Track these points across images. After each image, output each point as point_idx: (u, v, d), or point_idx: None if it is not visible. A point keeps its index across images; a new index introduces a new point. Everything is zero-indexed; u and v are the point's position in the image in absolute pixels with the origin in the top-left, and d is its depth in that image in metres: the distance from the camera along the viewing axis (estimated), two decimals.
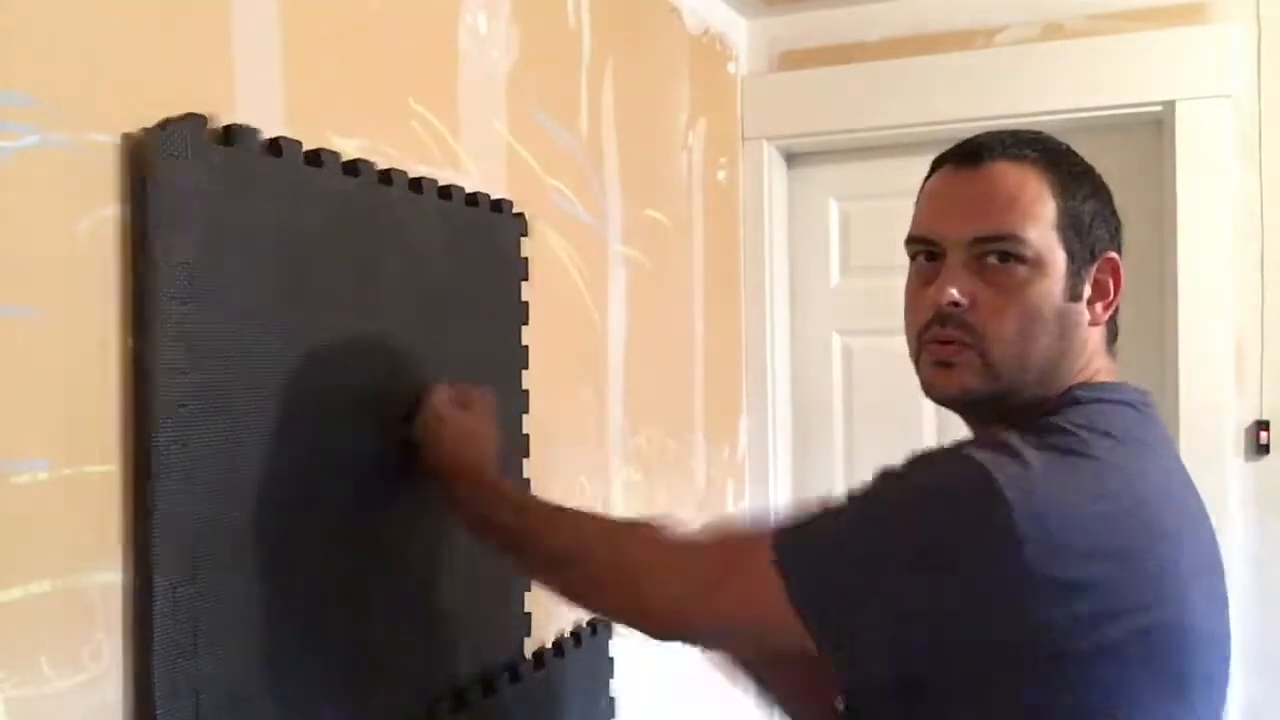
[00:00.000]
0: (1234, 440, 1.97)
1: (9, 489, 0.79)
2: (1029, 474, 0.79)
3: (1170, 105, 2.00)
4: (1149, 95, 2.02)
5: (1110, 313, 0.94)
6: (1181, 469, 0.90)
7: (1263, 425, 1.95)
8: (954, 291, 0.89)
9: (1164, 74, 2.00)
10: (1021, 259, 0.88)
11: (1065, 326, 0.90)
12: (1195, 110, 1.98)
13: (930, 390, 0.94)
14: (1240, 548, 1.96)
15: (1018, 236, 0.88)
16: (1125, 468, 0.83)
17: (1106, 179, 0.98)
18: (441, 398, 1.13)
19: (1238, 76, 1.97)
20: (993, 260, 0.89)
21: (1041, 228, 0.89)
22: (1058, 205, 0.90)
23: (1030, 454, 0.81)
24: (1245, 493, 1.97)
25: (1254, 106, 1.96)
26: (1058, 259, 0.89)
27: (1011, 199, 0.89)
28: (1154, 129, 2.06)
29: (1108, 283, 0.93)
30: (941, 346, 0.91)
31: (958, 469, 0.81)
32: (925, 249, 0.94)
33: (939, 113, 2.13)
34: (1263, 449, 1.95)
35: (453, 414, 1.12)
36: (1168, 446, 0.91)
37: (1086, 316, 0.92)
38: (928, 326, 0.92)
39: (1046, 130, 0.97)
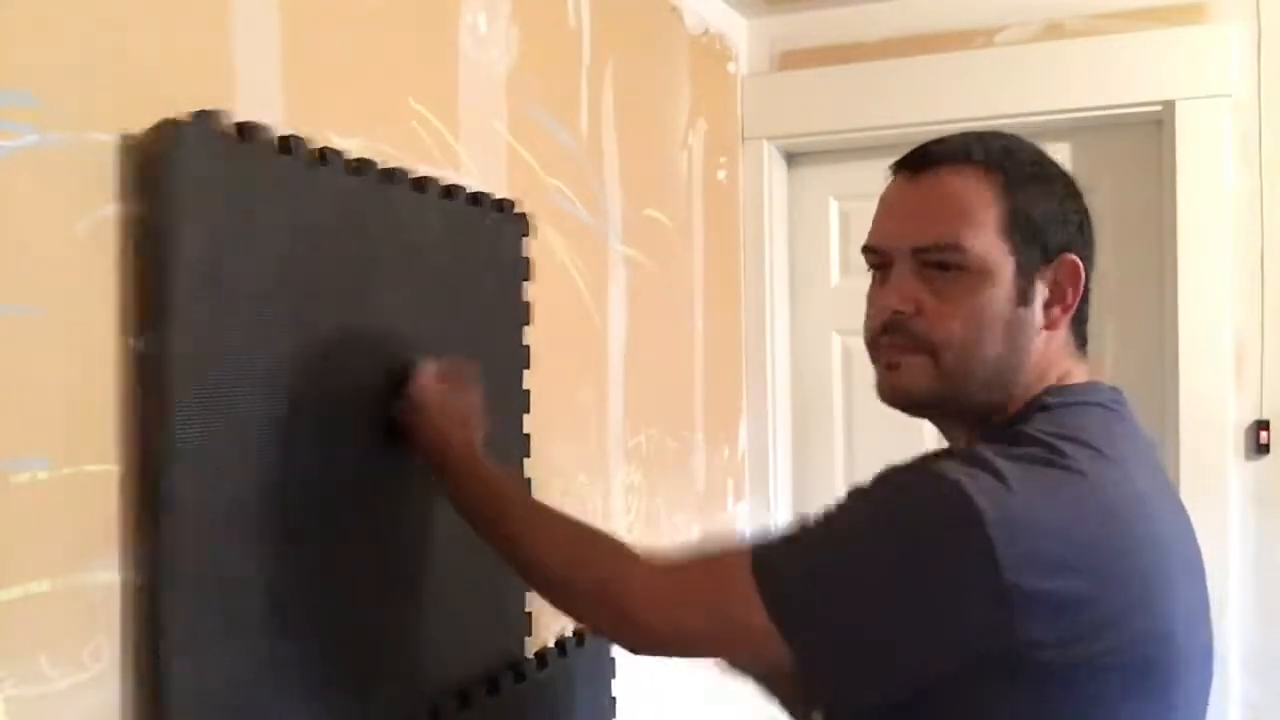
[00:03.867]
0: (1234, 440, 1.96)
1: (9, 488, 0.79)
2: (1002, 487, 0.78)
3: (1170, 105, 2.00)
4: (1149, 95, 2.02)
5: (1069, 316, 0.91)
6: (1158, 468, 0.89)
7: (1263, 425, 1.95)
8: (896, 300, 0.89)
9: (1164, 74, 2.00)
10: (963, 267, 0.87)
11: (1013, 333, 0.88)
12: (1195, 110, 1.98)
13: (881, 394, 0.94)
14: (1239, 547, 1.96)
15: (958, 245, 0.87)
16: (1100, 475, 0.81)
17: (1106, 179, 0.97)
18: (429, 375, 1.11)
19: (1238, 76, 1.97)
20: (936, 270, 0.88)
21: (984, 234, 0.87)
22: (1004, 208, 0.88)
23: (1003, 466, 0.79)
24: (1245, 492, 1.97)
25: (1254, 106, 1.96)
26: (1004, 265, 0.87)
27: (951, 206, 0.88)
28: (1154, 129, 2.06)
29: (1065, 286, 0.90)
30: (890, 351, 0.92)
31: (929, 485, 0.81)
32: (877, 258, 0.94)
33: (939, 113, 2.12)
34: (1263, 449, 1.95)
35: (440, 392, 1.10)
36: (1142, 445, 0.89)
37: (1040, 321, 0.89)
38: (881, 333, 0.92)
39: (1046, 130, 0.96)
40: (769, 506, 2.32)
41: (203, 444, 0.89)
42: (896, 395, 0.93)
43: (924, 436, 2.28)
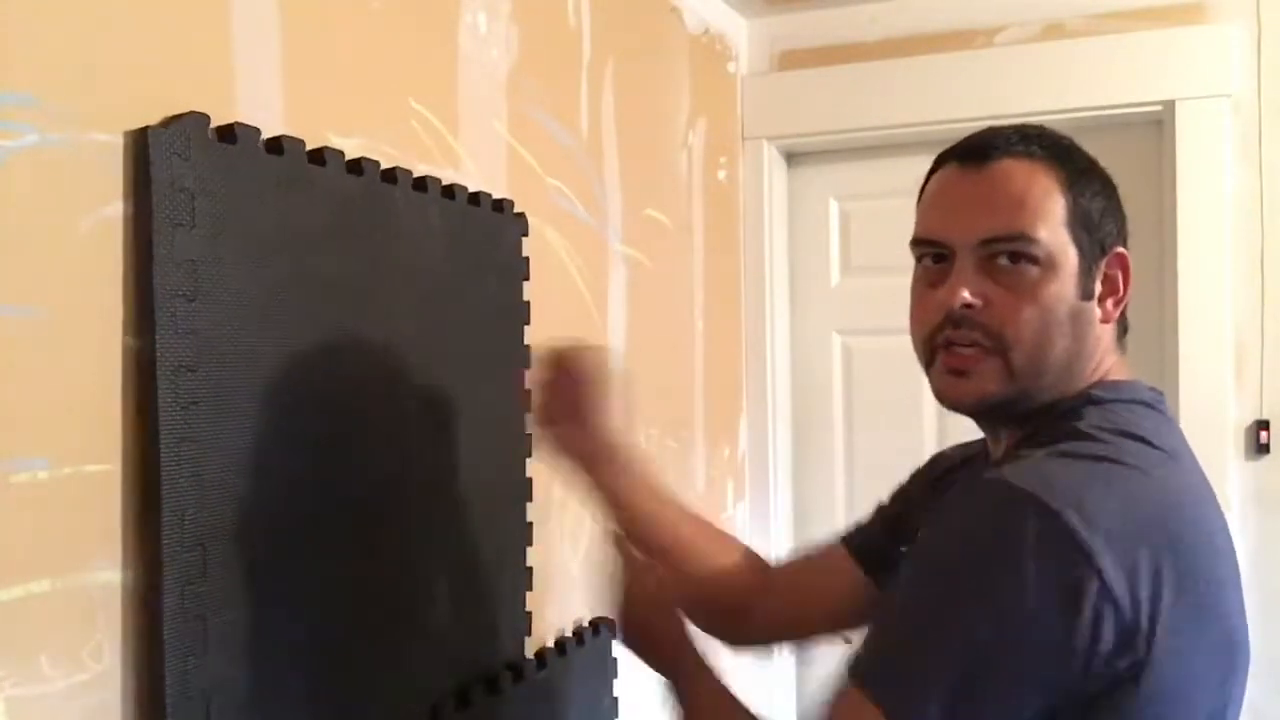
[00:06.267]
0: (1234, 440, 1.97)
1: (9, 488, 0.79)
2: (1080, 494, 0.75)
3: (1170, 105, 2.00)
4: (1149, 95, 2.02)
5: (1121, 309, 0.92)
6: (1200, 469, 0.89)
7: (1263, 425, 1.95)
8: (966, 294, 0.86)
9: (1164, 74, 2.00)
10: (1033, 259, 0.86)
11: (1079, 326, 0.88)
12: (1195, 110, 1.98)
13: (944, 398, 0.91)
14: (1240, 547, 1.95)
15: (1029, 236, 0.86)
16: (1164, 473, 0.80)
17: None
18: (635, 574, 1.07)
19: (1238, 76, 1.97)
20: (1004, 261, 0.86)
21: (1052, 226, 0.86)
22: (1067, 202, 0.87)
23: (1070, 470, 0.78)
24: (1245, 492, 1.97)
25: (1254, 106, 1.96)
26: (1069, 257, 0.87)
27: (1021, 198, 0.87)
28: (1154, 129, 2.06)
29: (1118, 279, 0.91)
30: (957, 355, 0.88)
31: (1007, 508, 0.76)
32: (933, 251, 0.91)
33: (939, 113, 2.12)
34: (1263, 449, 1.95)
35: (646, 587, 1.06)
36: (1186, 446, 0.89)
37: (1098, 314, 0.89)
38: (939, 329, 0.89)
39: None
40: (769, 506, 2.32)
41: (198, 444, 0.89)
42: (964, 401, 0.89)
43: (924, 437, 2.28)
